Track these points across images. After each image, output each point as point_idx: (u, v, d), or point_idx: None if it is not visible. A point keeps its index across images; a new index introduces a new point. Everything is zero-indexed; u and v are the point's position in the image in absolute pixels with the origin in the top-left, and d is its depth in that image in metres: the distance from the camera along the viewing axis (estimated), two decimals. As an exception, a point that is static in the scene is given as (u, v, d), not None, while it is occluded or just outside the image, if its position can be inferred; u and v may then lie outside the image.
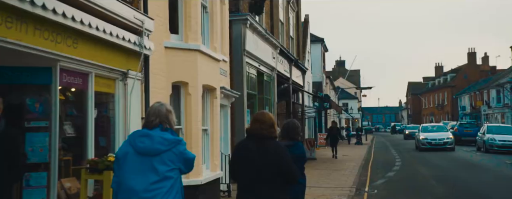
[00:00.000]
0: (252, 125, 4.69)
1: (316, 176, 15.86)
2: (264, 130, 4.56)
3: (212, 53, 10.06)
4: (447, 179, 15.28)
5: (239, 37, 14.61)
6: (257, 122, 4.64)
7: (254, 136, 4.59)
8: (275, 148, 4.52)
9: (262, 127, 4.57)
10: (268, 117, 4.67)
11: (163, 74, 8.46)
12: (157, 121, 4.11)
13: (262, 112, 4.81)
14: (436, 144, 29.16)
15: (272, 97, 19.08)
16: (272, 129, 4.62)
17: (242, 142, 4.79)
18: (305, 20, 31.23)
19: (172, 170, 3.93)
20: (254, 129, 4.63)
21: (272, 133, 4.60)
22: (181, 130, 9.06)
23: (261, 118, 4.66)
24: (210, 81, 9.93)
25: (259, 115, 4.74)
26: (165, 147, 3.94)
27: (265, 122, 4.60)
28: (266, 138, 4.54)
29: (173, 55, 8.71)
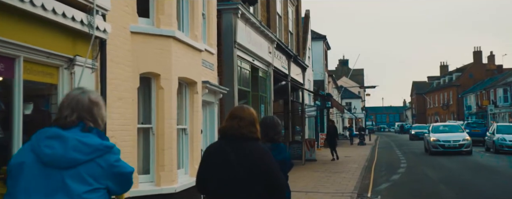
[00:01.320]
0: (228, 122, 3.61)
1: (315, 180, 14.63)
2: (244, 129, 3.55)
3: (192, 41, 8.81)
4: (457, 182, 13.98)
5: (230, 28, 13.37)
6: (234, 118, 3.60)
7: (230, 137, 3.54)
8: (259, 153, 3.49)
9: (240, 124, 3.55)
10: (248, 113, 3.65)
11: (128, 63, 7.21)
12: (75, 117, 2.70)
13: (241, 106, 3.74)
14: (450, 147, 24.80)
15: (268, 94, 17.82)
16: (253, 127, 3.60)
17: (214, 145, 3.68)
18: (306, 15, 29.96)
19: (94, 191, 2.57)
20: (230, 127, 3.56)
21: (253, 133, 3.58)
22: (152, 130, 7.82)
23: (240, 113, 3.63)
24: (189, 74, 8.68)
25: (237, 110, 3.69)
26: (84, 157, 2.58)
27: (244, 119, 3.59)
28: (246, 139, 3.54)
29: (141, 41, 7.46)
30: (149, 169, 7.82)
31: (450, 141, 25.08)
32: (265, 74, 17.65)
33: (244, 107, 3.69)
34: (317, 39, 38.57)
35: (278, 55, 19.43)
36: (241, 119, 3.54)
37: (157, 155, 7.74)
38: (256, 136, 3.57)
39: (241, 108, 3.66)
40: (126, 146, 7.06)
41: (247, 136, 3.50)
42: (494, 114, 57.04)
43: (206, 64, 11.01)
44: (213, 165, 3.50)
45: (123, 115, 7.05)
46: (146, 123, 7.87)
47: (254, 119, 3.62)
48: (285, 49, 20.33)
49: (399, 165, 19.76)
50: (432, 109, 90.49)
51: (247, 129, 3.52)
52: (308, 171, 17.07)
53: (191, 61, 8.71)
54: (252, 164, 3.41)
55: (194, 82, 9.03)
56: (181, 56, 8.19)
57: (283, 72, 20.33)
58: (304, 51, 27.43)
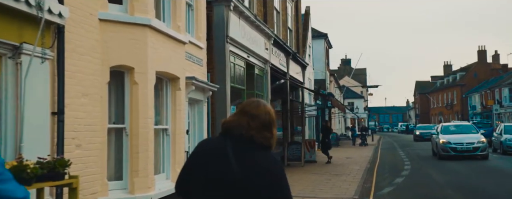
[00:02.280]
0: (236, 117, 2.71)
1: (313, 183, 13.77)
2: (254, 131, 2.63)
3: (174, 32, 7.95)
4: (465, 187, 13.06)
5: (221, 22, 12.52)
6: (244, 115, 2.68)
7: (237, 137, 2.62)
8: (270, 166, 2.60)
9: (252, 125, 2.63)
10: (264, 111, 2.70)
11: (96, 55, 6.36)
12: None
13: (256, 101, 2.78)
14: (462, 151, 21.56)
15: (265, 93, 16.96)
16: (267, 132, 2.66)
17: (211, 142, 2.77)
18: (306, 12, 29.09)
19: None
20: (237, 125, 2.65)
21: (266, 140, 2.65)
22: (125, 130, 6.96)
23: (252, 110, 2.69)
24: (170, 68, 7.82)
25: (250, 105, 2.74)
26: None
27: (257, 118, 2.66)
28: (254, 145, 2.62)
29: (112, 30, 6.61)
30: (122, 175, 6.96)
31: (462, 144, 21.76)
32: (261, 71, 16.79)
33: (261, 103, 2.73)
34: (318, 37, 37.70)
35: (276, 52, 18.58)
36: (254, 118, 2.64)
37: (131, 159, 6.88)
38: (269, 144, 2.65)
39: (256, 104, 2.72)
40: (93, 149, 6.22)
41: (257, 141, 2.61)
42: (499, 114, 56.07)
43: (193, 58, 10.16)
44: (203, 166, 2.59)
45: (90, 114, 6.20)
46: (118, 123, 7.01)
47: (271, 121, 2.67)
48: (284, 46, 19.47)
49: (402, 167, 18.86)
50: (436, 109, 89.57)
51: (259, 132, 2.62)
52: (307, 174, 16.22)
53: (172, 54, 7.85)
54: (259, 177, 2.51)
55: (176, 77, 8.16)
56: (160, 48, 7.33)
57: (281, 70, 19.47)
58: (304, 48, 26.55)
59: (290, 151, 19.23)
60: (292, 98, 22.12)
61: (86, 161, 6.02)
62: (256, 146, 2.62)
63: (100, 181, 6.36)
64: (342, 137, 45.48)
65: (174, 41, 7.95)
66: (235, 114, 2.77)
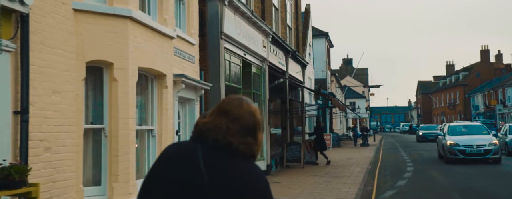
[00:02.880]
0: (212, 118, 2.14)
1: (312, 186, 13.21)
2: (234, 137, 2.07)
3: (159, 26, 7.38)
4: (472, 191, 12.44)
5: (216, 17, 11.96)
6: (223, 115, 2.12)
7: (211, 143, 2.07)
8: (252, 180, 2.05)
9: (232, 128, 2.08)
10: (247, 111, 2.14)
11: (69, 48, 5.79)
12: None
13: (238, 99, 2.21)
14: (472, 154, 19.57)
15: (263, 92, 16.38)
16: (251, 138, 2.11)
17: (177, 150, 2.16)
18: (306, 10, 28.52)
19: None
20: (213, 128, 2.10)
21: (249, 147, 2.10)
22: (104, 131, 6.39)
23: (236, 110, 2.13)
24: (155, 64, 7.25)
25: (231, 103, 2.17)
26: None
27: (239, 120, 2.11)
28: (233, 153, 2.06)
29: (88, 22, 6.04)
30: (100, 180, 6.39)
31: (472, 146, 19.72)
32: (259, 70, 16.22)
33: (244, 101, 2.17)
34: (319, 36, 37.15)
35: (275, 50, 18.01)
36: (235, 119, 2.09)
37: (110, 162, 6.31)
38: (251, 153, 2.11)
39: (238, 102, 2.16)
40: (66, 152, 5.65)
41: (237, 149, 2.05)
42: (502, 114, 55.46)
43: (184, 55, 9.60)
44: (167, 186, 2.03)
45: (63, 113, 5.63)
46: (96, 123, 6.44)
47: (256, 124, 2.13)
48: (282, 44, 18.90)
49: (405, 168, 18.26)
50: (438, 109, 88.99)
51: (240, 138, 2.06)
52: (306, 175, 15.65)
53: (157, 49, 7.28)
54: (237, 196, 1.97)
55: (163, 74, 7.59)
56: (143, 42, 6.76)
57: (280, 69, 18.89)
58: (304, 47, 25.98)
59: (289, 152, 18.65)
60: (291, 98, 21.54)
61: (58, 166, 5.46)
62: (235, 155, 2.06)
63: (75, 187, 5.79)
64: (344, 138, 44.90)
65: (160, 35, 7.38)
66: (211, 114, 2.18)
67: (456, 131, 21.95)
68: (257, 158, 2.20)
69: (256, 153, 2.18)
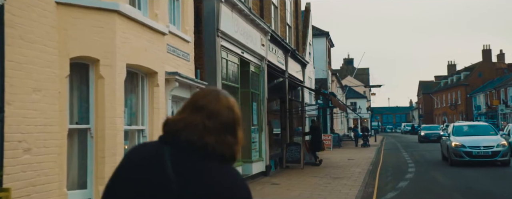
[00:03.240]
0: (185, 115, 1.83)
1: (312, 187, 12.91)
2: (211, 136, 1.79)
3: (150, 21, 7.06)
4: (476, 193, 12.10)
5: (212, 14, 11.65)
6: (198, 111, 1.82)
7: (182, 144, 1.78)
8: (232, 188, 1.79)
9: (208, 126, 1.80)
10: (227, 105, 1.86)
11: (51, 43, 5.47)
12: None
13: (217, 91, 1.91)
14: (479, 156, 18.20)
15: (261, 91, 16.07)
16: (231, 136, 1.83)
17: (141, 152, 1.84)
18: (306, 8, 28.19)
19: None
20: (185, 126, 1.79)
21: (229, 148, 1.83)
22: (90, 131, 6.06)
23: (212, 104, 1.84)
24: (145, 61, 6.93)
25: (208, 97, 1.86)
26: None
27: (218, 115, 1.82)
28: (209, 156, 1.78)
29: (73, 16, 5.72)
30: (86, 183, 6.06)
31: (479, 147, 18.30)
32: (257, 69, 15.90)
33: (221, 94, 1.88)
34: (320, 36, 36.82)
35: (274, 49, 17.69)
36: (211, 115, 1.79)
37: (96, 164, 5.99)
38: (231, 154, 1.81)
39: (214, 95, 1.85)
40: (48, 154, 5.32)
41: (214, 151, 1.76)
42: (505, 114, 55.10)
43: (178, 52, 9.29)
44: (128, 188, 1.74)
45: (44, 113, 5.31)
46: (82, 123, 6.11)
47: (235, 120, 1.84)
48: (282, 43, 18.57)
49: (406, 169, 17.92)
50: (440, 109, 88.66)
51: (219, 137, 1.77)
52: (305, 176, 15.34)
53: (148, 46, 6.96)
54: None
55: (154, 72, 7.27)
56: (132, 38, 6.44)
57: (279, 68, 18.57)
58: (304, 46, 25.65)
59: (289, 152, 18.33)
60: (291, 98, 21.22)
61: (39, 168, 5.14)
62: (211, 157, 1.74)
63: (58, 191, 5.47)
64: (345, 138, 44.57)
65: (150, 31, 7.07)
66: (183, 110, 1.86)
67: (462, 132, 20.55)
68: (237, 159, 1.89)
69: (237, 154, 1.87)
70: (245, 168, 13.95)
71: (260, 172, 15.15)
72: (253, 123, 15.20)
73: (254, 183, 13.73)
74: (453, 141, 18.95)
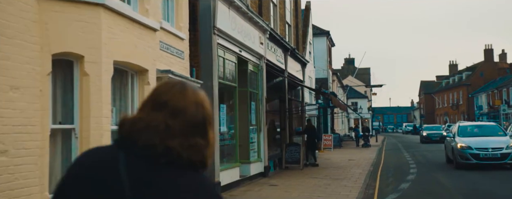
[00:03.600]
0: (144, 113, 1.50)
1: (311, 188, 12.61)
2: (175, 139, 1.46)
3: (140, 17, 6.75)
4: (480, 195, 11.79)
5: (208, 11, 11.33)
6: (160, 108, 1.50)
7: (137, 150, 1.45)
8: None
9: (173, 126, 1.47)
10: (195, 100, 1.53)
11: (32, 39, 5.16)
12: None
13: (182, 85, 1.56)
14: (487, 158, 16.91)
15: (260, 91, 15.75)
16: (200, 138, 1.50)
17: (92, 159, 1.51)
18: (307, 7, 27.86)
19: None
20: (144, 127, 1.46)
21: (198, 152, 1.49)
22: (74, 131, 5.75)
23: (177, 100, 1.50)
24: (134, 58, 6.62)
25: (171, 91, 1.52)
26: None
27: (185, 113, 1.50)
28: (176, 163, 1.46)
29: (55, 10, 5.41)
30: (70, 186, 5.75)
31: (487, 149, 17.00)
32: (256, 68, 15.58)
33: (188, 87, 1.55)
34: (320, 35, 36.49)
35: (273, 47, 17.37)
36: (176, 113, 1.48)
37: (81, 166, 5.66)
38: (200, 159, 1.49)
39: (179, 88, 1.53)
40: (28, 156, 5.01)
41: (180, 156, 1.45)
42: (507, 114, 54.72)
43: (171, 50, 8.98)
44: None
45: (23, 112, 5.00)
46: (66, 123, 5.79)
47: (206, 118, 1.53)
48: (281, 41, 18.24)
49: (408, 170, 17.60)
50: (441, 109, 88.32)
51: (185, 139, 1.46)
52: (305, 177, 15.05)
53: (137, 42, 6.64)
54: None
55: (144, 69, 6.96)
56: (120, 34, 6.13)
57: (278, 67, 18.25)
58: (304, 45, 25.32)
59: (288, 153, 18.02)
60: (291, 97, 20.89)
61: (17, 171, 4.82)
62: (176, 165, 1.44)
63: (39, 195, 5.16)
64: (346, 138, 44.26)
65: (140, 26, 6.75)
66: (142, 108, 1.54)
67: (467, 132, 19.10)
68: (208, 166, 1.56)
69: (208, 159, 1.54)
70: (243, 169, 13.65)
71: (258, 173, 14.84)
72: (251, 123, 14.88)
73: (252, 184, 13.43)
74: (458, 143, 17.76)
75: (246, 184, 13.28)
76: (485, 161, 16.88)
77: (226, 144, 12.99)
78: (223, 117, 12.53)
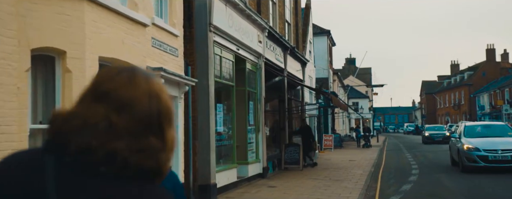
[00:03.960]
0: (81, 108, 1.18)
1: (310, 190, 12.30)
2: (121, 140, 1.12)
3: (128, 11, 6.41)
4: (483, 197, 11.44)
5: (203, 7, 10.99)
6: (101, 100, 1.15)
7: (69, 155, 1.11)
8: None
9: (118, 123, 1.14)
10: (148, 90, 1.18)
11: (9, 33, 4.82)
12: None
13: (131, 71, 1.21)
14: (497, 161, 15.57)
15: (258, 90, 15.41)
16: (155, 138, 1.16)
17: (12, 168, 1.14)
18: (307, 6, 27.50)
19: None
20: (81, 125, 1.12)
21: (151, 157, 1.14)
22: (55, 132, 5.41)
23: (124, 90, 1.17)
24: (122, 54, 6.27)
25: (117, 79, 1.18)
26: None
27: (134, 106, 1.16)
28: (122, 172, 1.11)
29: (33, 1, 5.07)
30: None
31: (496, 151, 15.62)
32: (254, 66, 15.24)
33: (137, 73, 1.21)
34: (321, 34, 36.12)
35: (272, 46, 17.03)
36: (123, 106, 1.15)
37: (63, 169, 5.34)
38: (155, 166, 1.15)
39: (127, 76, 1.19)
40: (3, 157, 4.67)
41: (127, 162, 1.11)
42: (509, 115, 54.33)
43: (164, 47, 8.65)
44: None
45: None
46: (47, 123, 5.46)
47: (162, 113, 1.18)
48: (280, 40, 17.91)
49: (410, 171, 17.26)
50: (443, 109, 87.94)
51: (134, 140, 1.13)
52: (304, 178, 14.73)
53: (125, 37, 6.30)
54: None
55: (133, 66, 6.62)
56: (106, 28, 5.79)
57: (278, 66, 17.90)
58: (304, 44, 24.96)
59: (287, 154, 17.68)
60: (290, 97, 20.54)
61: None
62: (122, 174, 1.12)
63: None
64: (346, 138, 43.90)
65: (128, 21, 6.41)
66: (81, 101, 1.19)
67: (475, 132, 17.78)
68: (165, 174, 1.21)
69: (165, 166, 1.20)
70: (240, 170, 13.31)
71: (257, 174, 14.51)
72: (250, 123, 14.54)
73: (250, 185, 13.10)
74: (465, 144, 16.39)
75: (243, 186, 12.95)
76: (494, 164, 15.53)
77: (223, 145, 12.66)
78: (220, 117, 12.20)
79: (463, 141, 16.74)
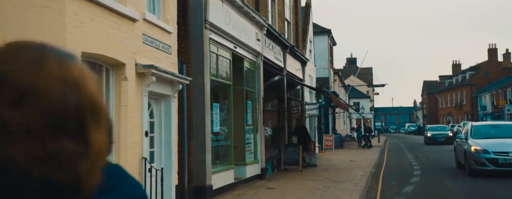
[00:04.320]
0: None
1: (309, 192, 11.95)
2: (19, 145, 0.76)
3: (115, 4, 6.06)
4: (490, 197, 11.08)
5: (199, 3, 10.65)
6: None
7: None
8: None
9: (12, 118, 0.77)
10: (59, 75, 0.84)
11: (-20, 25, 4.49)
12: None
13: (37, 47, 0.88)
14: (508, 164, 14.39)
15: (256, 89, 15.06)
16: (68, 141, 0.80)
17: None
18: (307, 5, 27.13)
19: None
20: None
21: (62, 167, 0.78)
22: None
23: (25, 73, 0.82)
24: (108, 50, 5.92)
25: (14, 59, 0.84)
26: None
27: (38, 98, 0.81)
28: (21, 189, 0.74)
29: (9, -7, 4.73)
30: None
31: (507, 154, 14.45)
32: (252, 65, 14.89)
33: (48, 53, 0.86)
34: (321, 33, 35.74)
35: (270, 44, 16.68)
36: (24, 97, 0.79)
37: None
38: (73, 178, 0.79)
39: (32, 55, 0.85)
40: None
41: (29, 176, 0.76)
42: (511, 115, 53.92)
43: (157, 44, 8.30)
44: None
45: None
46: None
47: (83, 108, 0.83)
48: (279, 38, 17.55)
49: (412, 172, 16.90)
50: (444, 109, 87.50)
51: (39, 143, 0.77)
52: (303, 180, 14.37)
53: (111, 32, 5.95)
54: None
55: (121, 63, 6.26)
56: (89, 22, 5.44)
57: (277, 65, 17.55)
58: (304, 43, 24.60)
59: (287, 154, 17.32)
60: (290, 96, 20.18)
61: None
62: (23, 190, 0.73)
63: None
64: (347, 138, 43.54)
65: (115, 15, 6.06)
66: None
67: (482, 133, 16.54)
68: (92, 188, 0.85)
69: (89, 177, 0.83)
70: (238, 171, 12.96)
71: (255, 175, 14.16)
72: (247, 123, 14.19)
73: (248, 187, 12.76)
74: (472, 145, 15.26)
75: (241, 187, 12.60)
76: (505, 168, 14.36)
77: (220, 145, 12.31)
78: (216, 116, 11.84)
79: (470, 142, 15.66)
